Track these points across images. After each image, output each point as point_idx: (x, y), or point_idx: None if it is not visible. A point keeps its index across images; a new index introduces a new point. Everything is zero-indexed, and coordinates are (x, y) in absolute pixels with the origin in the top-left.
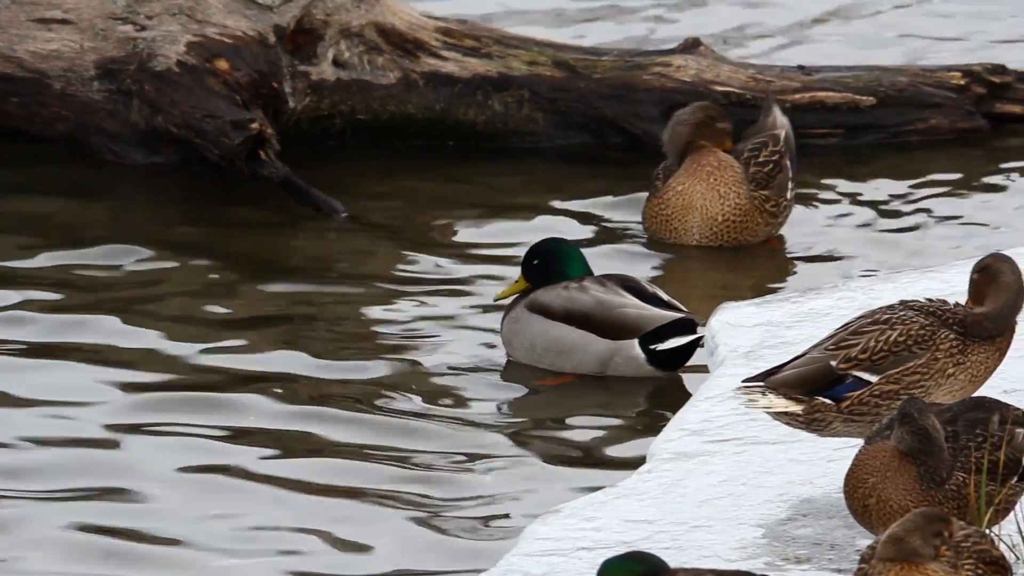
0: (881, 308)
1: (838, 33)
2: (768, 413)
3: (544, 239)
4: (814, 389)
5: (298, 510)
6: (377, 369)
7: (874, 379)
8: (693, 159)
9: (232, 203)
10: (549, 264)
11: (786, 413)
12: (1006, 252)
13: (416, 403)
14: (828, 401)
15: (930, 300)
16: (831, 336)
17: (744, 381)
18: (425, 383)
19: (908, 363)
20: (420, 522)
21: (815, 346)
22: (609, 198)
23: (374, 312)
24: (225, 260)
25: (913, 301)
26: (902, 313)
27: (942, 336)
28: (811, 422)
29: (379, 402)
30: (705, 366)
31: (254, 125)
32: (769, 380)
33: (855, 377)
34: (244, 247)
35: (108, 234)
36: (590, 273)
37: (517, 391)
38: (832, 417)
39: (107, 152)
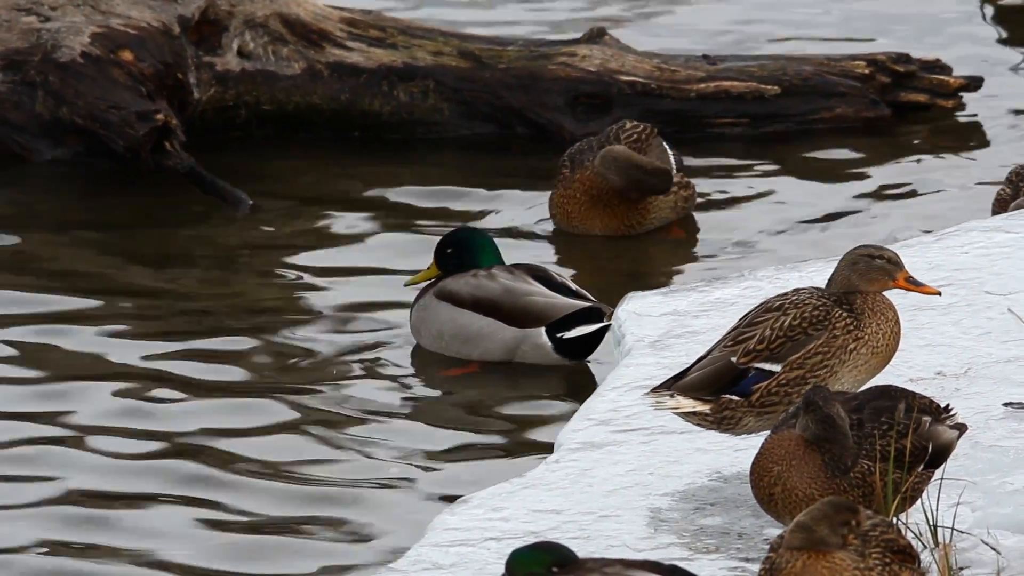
0: (775, 296)
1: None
2: (677, 414)
3: (458, 228)
4: (719, 388)
5: (205, 498)
6: (282, 358)
7: (777, 368)
8: (591, 178)
9: (136, 194)
10: (462, 253)
11: (695, 413)
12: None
13: (322, 391)
14: (736, 398)
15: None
16: (731, 331)
17: (652, 389)
18: (332, 372)
19: (808, 345)
20: (325, 512)
21: (718, 344)
22: (516, 188)
23: (279, 302)
24: (128, 249)
25: (810, 287)
26: (794, 297)
27: (837, 315)
28: (721, 421)
29: (283, 390)
30: (612, 355)
31: (159, 116)
32: (675, 387)
33: (757, 369)
34: (147, 237)
35: (11, 224)
36: (501, 263)
37: (424, 380)
38: (743, 413)
39: (12, 143)
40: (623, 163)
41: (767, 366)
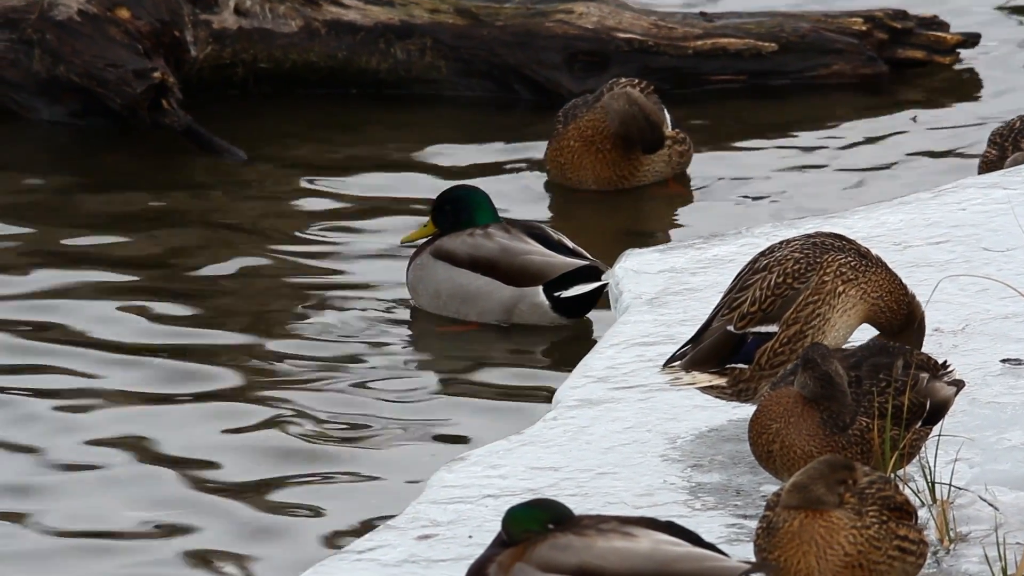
0: (762, 252)
1: None
2: (697, 389)
3: (455, 186)
4: (724, 358)
5: (205, 456)
6: (279, 316)
7: (774, 328)
8: (588, 122)
9: (132, 152)
10: (458, 211)
11: (712, 387)
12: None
13: (319, 351)
14: (744, 366)
15: (830, 234)
16: (725, 295)
17: (664, 365)
18: (328, 331)
19: (797, 299)
20: (324, 470)
21: (717, 309)
22: (513, 145)
23: (276, 260)
24: (124, 207)
25: (802, 236)
26: (779, 254)
27: (829, 259)
28: (739, 393)
29: (281, 349)
30: (610, 312)
31: (156, 74)
32: (684, 363)
33: (755, 334)
34: (143, 195)
35: (8, 183)
36: (498, 221)
37: (422, 339)
38: (757, 381)
39: (9, 102)
40: (633, 99)
41: (764, 328)
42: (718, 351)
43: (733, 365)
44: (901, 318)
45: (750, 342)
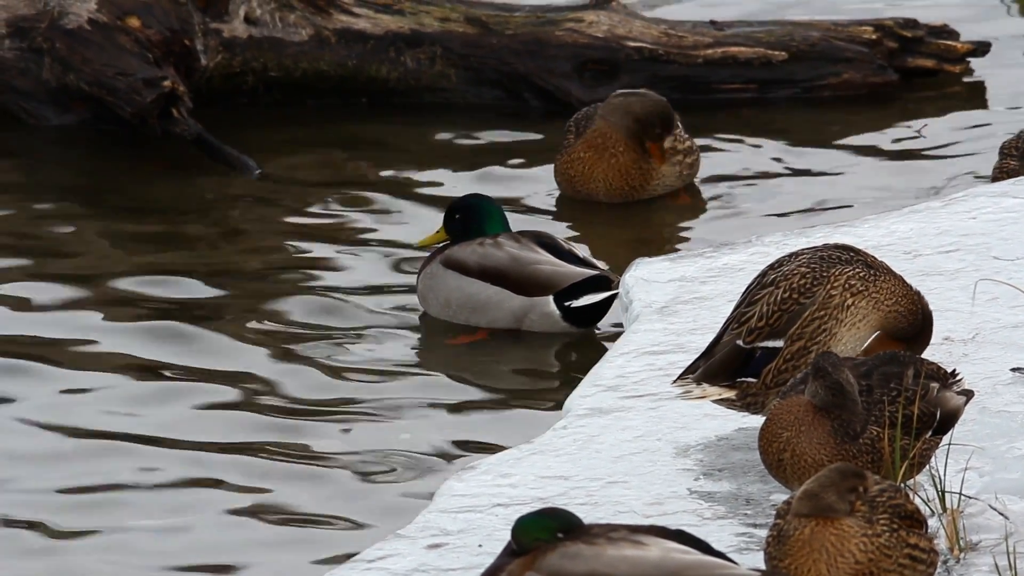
0: (770, 265)
1: None
2: (710, 402)
3: (467, 195)
4: (734, 372)
5: (216, 466)
6: (287, 325)
7: (780, 344)
8: (595, 132)
9: (142, 160)
10: (468, 220)
11: (722, 400)
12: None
13: (331, 359)
14: (753, 380)
15: (837, 245)
16: (735, 309)
17: (677, 379)
18: (339, 339)
19: (803, 315)
20: (336, 479)
21: (727, 323)
22: (523, 154)
23: (286, 268)
24: (136, 217)
25: (810, 249)
26: (786, 268)
27: (836, 273)
28: (747, 405)
29: (290, 356)
30: (620, 322)
31: (166, 83)
32: (696, 376)
33: (763, 349)
34: (153, 204)
35: (18, 190)
36: (508, 230)
37: (432, 348)
38: (764, 395)
39: (19, 110)
40: (624, 93)
41: (771, 343)
42: (728, 365)
43: (743, 379)
44: (918, 322)
45: (759, 357)
